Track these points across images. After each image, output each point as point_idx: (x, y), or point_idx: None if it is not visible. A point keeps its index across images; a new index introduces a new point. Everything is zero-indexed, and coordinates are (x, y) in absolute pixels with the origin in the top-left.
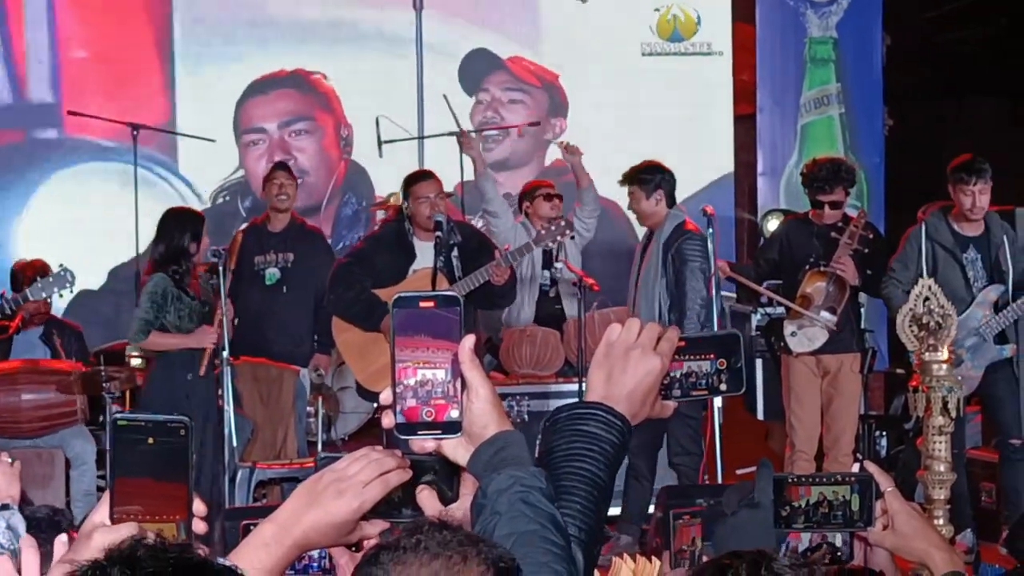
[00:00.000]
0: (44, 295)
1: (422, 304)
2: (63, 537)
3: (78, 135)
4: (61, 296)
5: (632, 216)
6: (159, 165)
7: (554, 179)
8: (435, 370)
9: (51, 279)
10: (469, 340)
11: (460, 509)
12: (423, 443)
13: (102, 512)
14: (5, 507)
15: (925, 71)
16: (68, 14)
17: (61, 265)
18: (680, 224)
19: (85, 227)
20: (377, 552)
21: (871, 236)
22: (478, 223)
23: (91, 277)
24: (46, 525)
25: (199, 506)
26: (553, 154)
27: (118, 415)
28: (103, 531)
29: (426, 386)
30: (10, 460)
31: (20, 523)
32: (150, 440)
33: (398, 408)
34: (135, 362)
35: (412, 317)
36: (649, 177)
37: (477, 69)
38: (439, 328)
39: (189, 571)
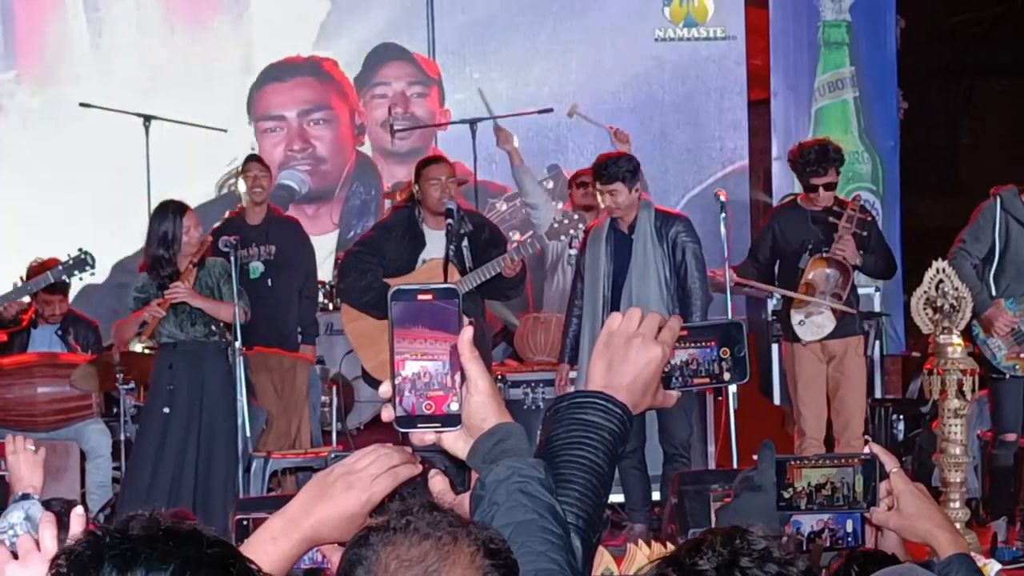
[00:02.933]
0: (65, 277)
1: (420, 296)
2: (79, 509)
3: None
4: (81, 279)
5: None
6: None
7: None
8: (433, 362)
9: (71, 261)
10: (468, 332)
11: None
12: (423, 436)
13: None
14: (26, 496)
15: (939, 53)
16: None
17: (80, 248)
18: (657, 210)
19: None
20: (367, 534)
21: (868, 218)
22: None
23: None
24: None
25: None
26: None
27: None
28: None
29: (424, 378)
30: (34, 448)
31: (39, 513)
32: None
33: (397, 401)
34: (137, 348)
35: (410, 309)
36: (632, 169)
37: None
38: (437, 320)
39: (180, 538)
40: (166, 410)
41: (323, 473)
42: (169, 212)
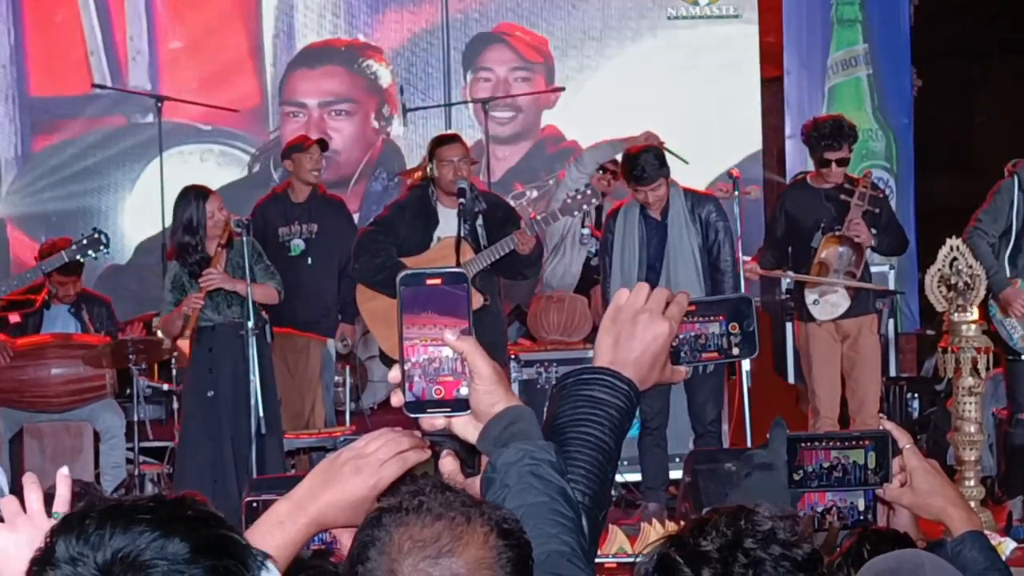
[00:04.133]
0: (79, 257)
1: (429, 281)
2: (64, 469)
3: (174, 119)
4: (96, 258)
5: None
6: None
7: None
8: (443, 347)
9: (84, 241)
10: (449, 335)
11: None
12: (433, 421)
13: None
14: None
15: (953, 29)
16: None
17: (94, 228)
18: (686, 191)
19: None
20: (379, 515)
21: (879, 196)
22: (532, 193)
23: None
24: (74, 503)
25: None
26: (544, 120)
27: None
28: None
29: (434, 363)
30: None
31: (1, 475)
32: None
33: (407, 386)
34: (160, 333)
35: (419, 294)
36: (663, 159)
37: (477, 48)
38: (446, 305)
39: (171, 505)
40: (210, 393)
41: (331, 457)
42: (191, 198)
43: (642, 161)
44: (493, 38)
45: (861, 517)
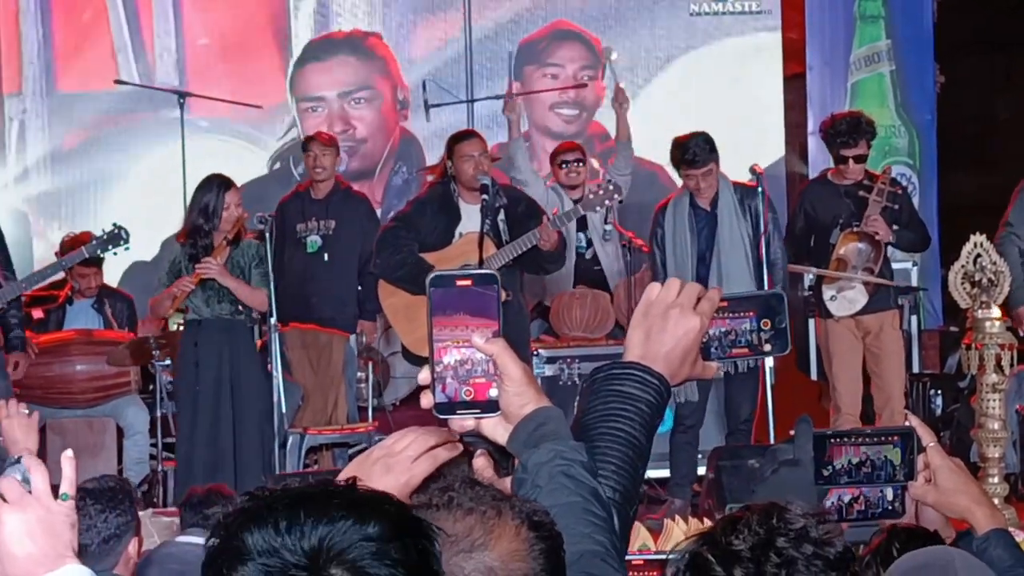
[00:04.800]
0: (99, 252)
1: (459, 282)
2: (69, 452)
3: (198, 115)
4: (116, 254)
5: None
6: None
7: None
8: (474, 349)
9: (105, 236)
10: (478, 339)
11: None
12: (462, 422)
13: None
14: (18, 461)
15: (976, 25)
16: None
17: (114, 223)
18: (734, 183)
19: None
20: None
21: (898, 192)
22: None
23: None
24: (109, 497)
25: None
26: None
27: None
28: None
29: (465, 365)
30: (27, 411)
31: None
32: None
33: (437, 388)
34: (172, 326)
35: (449, 296)
36: (713, 144)
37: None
38: (477, 306)
39: (350, 490)
40: (197, 388)
41: (362, 455)
42: (214, 185)
43: (692, 145)
44: (568, 34)
45: (889, 507)
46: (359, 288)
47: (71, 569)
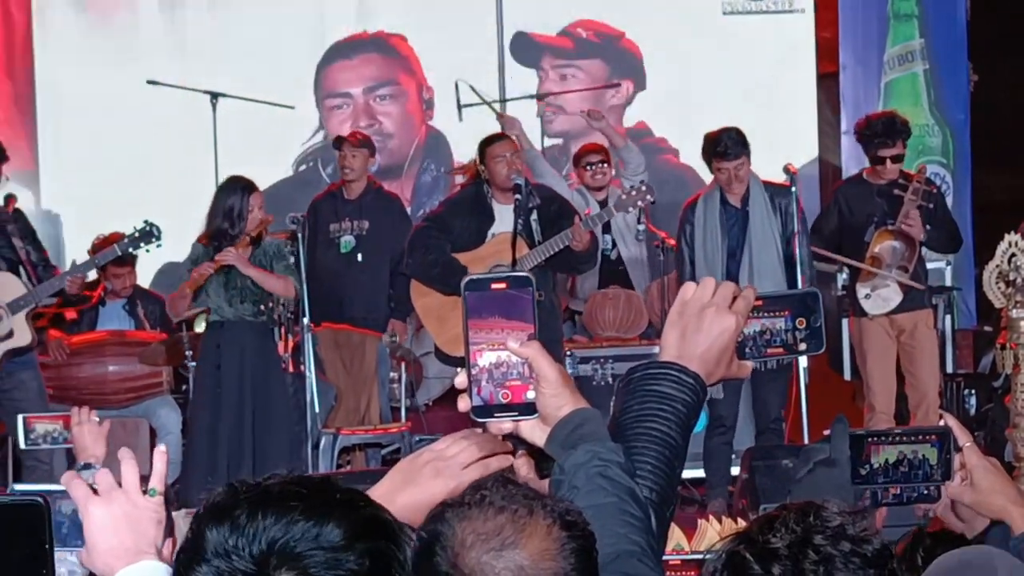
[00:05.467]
0: (131, 249)
1: (494, 286)
2: (162, 446)
3: (232, 112)
4: (148, 251)
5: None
6: None
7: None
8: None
9: (136, 234)
10: (512, 343)
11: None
12: (500, 425)
13: None
14: (88, 467)
15: (1010, 24)
16: None
17: (145, 220)
18: (764, 182)
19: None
20: (442, 510)
21: (933, 191)
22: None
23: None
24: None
25: None
26: (633, 117)
27: None
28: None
29: (501, 368)
30: (98, 420)
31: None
32: None
33: (474, 391)
34: (199, 328)
35: (484, 299)
36: (745, 139)
37: (526, 52)
38: (512, 309)
39: (311, 485)
40: (218, 389)
41: (411, 457)
42: (238, 188)
43: (724, 138)
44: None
45: (925, 491)
46: (391, 288)
47: (146, 565)
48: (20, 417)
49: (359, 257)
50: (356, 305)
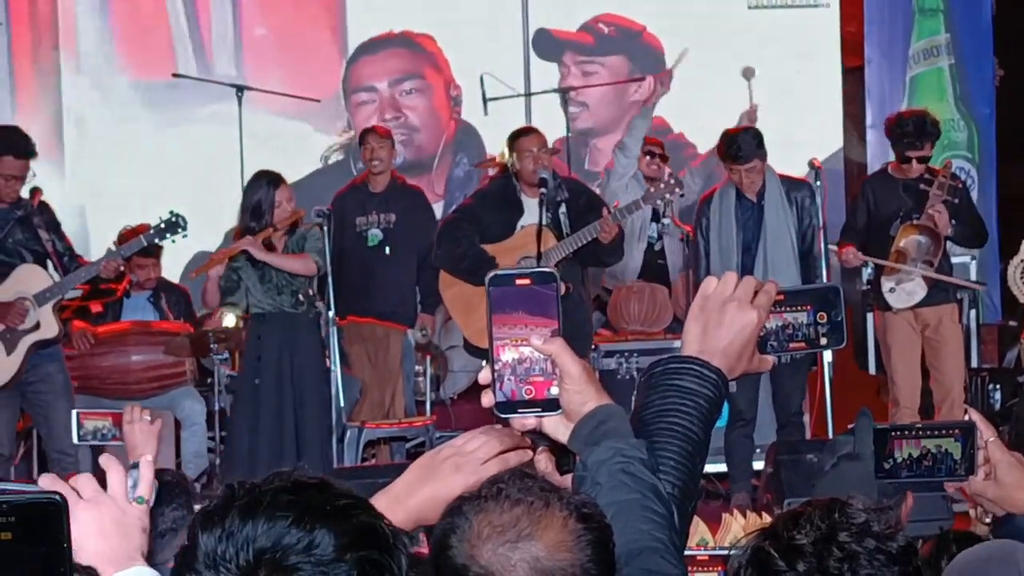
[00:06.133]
0: (157, 240)
1: (518, 281)
2: (148, 456)
3: (259, 107)
4: (174, 242)
5: None
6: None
7: (660, 137)
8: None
9: (162, 224)
10: (536, 340)
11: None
12: (523, 421)
13: None
14: (135, 466)
15: None
16: None
17: (171, 211)
18: (780, 176)
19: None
20: (459, 503)
21: (958, 186)
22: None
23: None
24: (165, 491)
25: None
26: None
27: None
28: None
29: (524, 364)
30: (149, 418)
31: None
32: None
33: (497, 387)
34: (226, 322)
35: (508, 295)
36: (760, 140)
37: (548, 48)
38: (536, 305)
39: (306, 488)
40: (256, 381)
41: (431, 453)
42: (264, 182)
43: (740, 140)
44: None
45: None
46: (418, 282)
47: (140, 571)
48: (74, 412)
49: (387, 250)
50: (385, 298)
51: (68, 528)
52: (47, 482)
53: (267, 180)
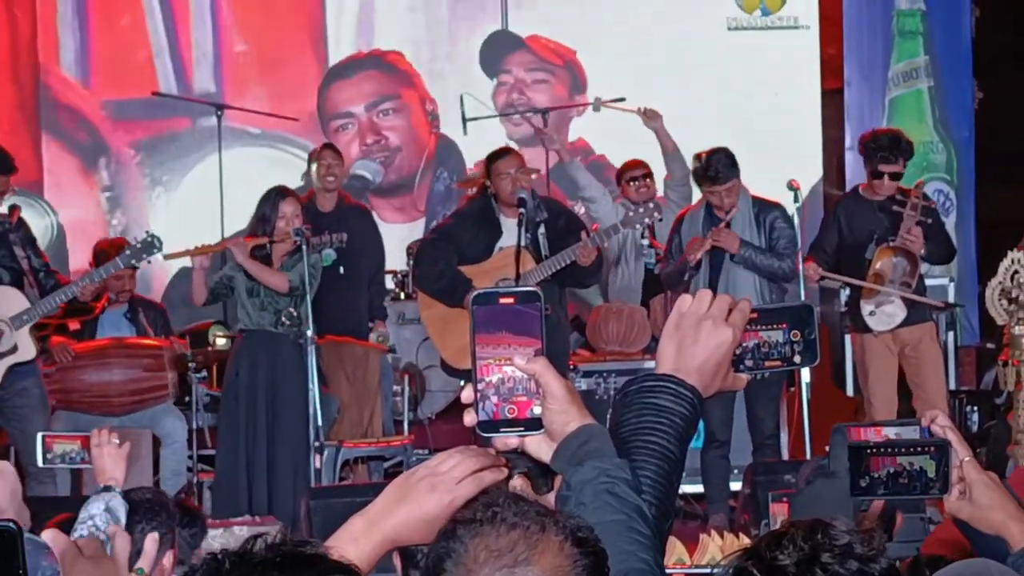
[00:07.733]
0: (133, 262)
1: (502, 300)
2: (155, 535)
3: (238, 124)
4: (150, 262)
5: None
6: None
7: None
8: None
9: (138, 245)
10: (519, 359)
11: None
12: (506, 440)
13: None
14: (107, 489)
15: (1015, 41)
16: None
17: (147, 232)
18: (754, 197)
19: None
20: (454, 527)
21: (931, 206)
22: (579, 209)
23: None
24: (145, 509)
25: None
26: (575, 132)
27: None
28: None
29: (508, 383)
30: (118, 441)
31: (120, 506)
32: None
33: (480, 406)
34: (220, 342)
35: (492, 314)
36: (734, 160)
37: (497, 51)
38: (520, 324)
39: (301, 562)
40: (237, 398)
41: (406, 474)
42: (272, 194)
43: (714, 162)
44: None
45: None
46: (369, 295)
47: None
48: (39, 436)
49: (341, 269)
50: (340, 317)
51: (23, 556)
52: (50, 536)
53: (275, 193)
